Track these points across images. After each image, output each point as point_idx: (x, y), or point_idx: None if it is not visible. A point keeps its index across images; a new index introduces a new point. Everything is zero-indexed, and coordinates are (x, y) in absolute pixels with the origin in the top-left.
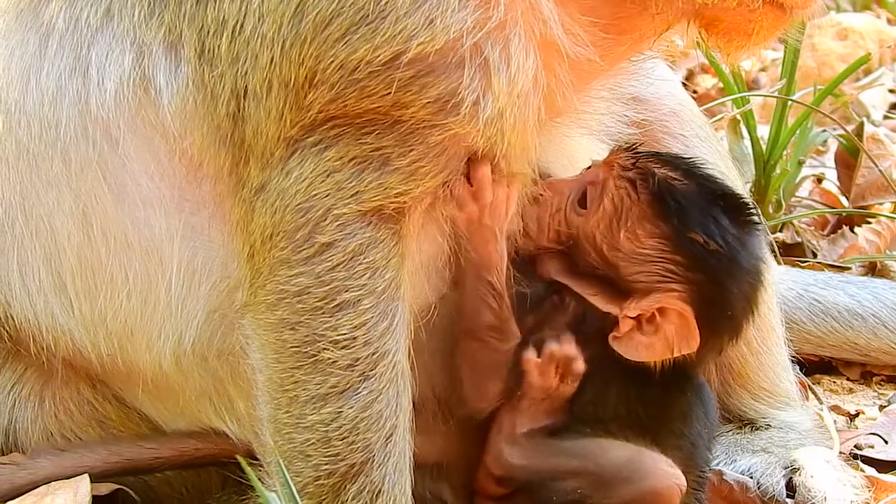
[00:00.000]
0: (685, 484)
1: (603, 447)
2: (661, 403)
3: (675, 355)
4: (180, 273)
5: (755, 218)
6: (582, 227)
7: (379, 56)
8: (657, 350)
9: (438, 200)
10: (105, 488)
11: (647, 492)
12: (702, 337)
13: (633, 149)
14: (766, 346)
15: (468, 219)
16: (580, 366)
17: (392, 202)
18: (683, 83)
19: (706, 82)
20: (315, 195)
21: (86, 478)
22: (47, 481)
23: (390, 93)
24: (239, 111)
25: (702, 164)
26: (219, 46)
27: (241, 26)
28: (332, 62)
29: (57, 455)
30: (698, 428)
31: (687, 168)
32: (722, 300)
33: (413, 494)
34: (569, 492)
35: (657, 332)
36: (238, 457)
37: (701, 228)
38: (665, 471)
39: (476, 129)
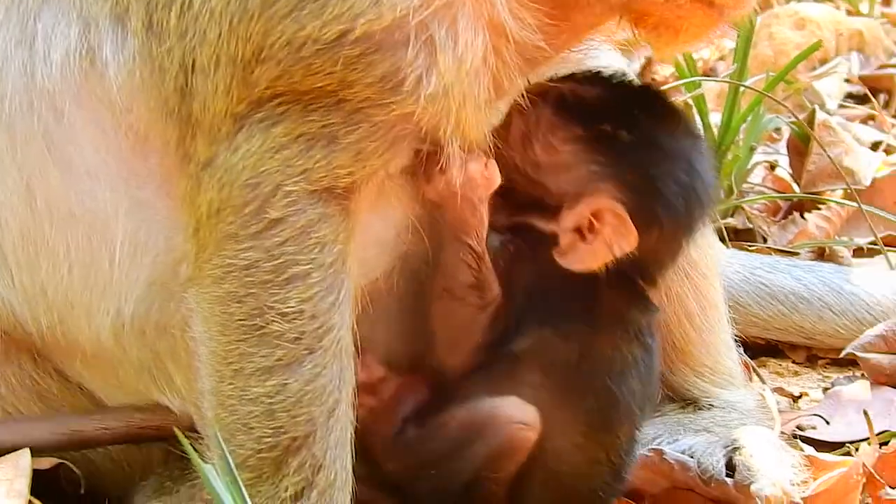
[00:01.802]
0: (535, 424)
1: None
2: (603, 353)
3: (618, 255)
4: (124, 246)
5: (673, 106)
6: (507, 158)
7: (326, 33)
8: (600, 254)
9: (391, 178)
10: (47, 463)
11: (496, 447)
12: (642, 232)
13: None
14: (709, 323)
15: (439, 192)
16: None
17: (341, 181)
18: (641, 71)
19: (665, 70)
20: (264, 171)
21: (26, 452)
22: None
23: (336, 71)
24: (187, 86)
25: (609, 72)
26: (167, 21)
27: (190, 1)
28: (278, 38)
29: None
30: (632, 386)
31: (591, 76)
32: (651, 187)
33: (353, 471)
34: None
35: (597, 237)
36: (175, 429)
37: (609, 121)
38: (508, 416)
39: (421, 108)
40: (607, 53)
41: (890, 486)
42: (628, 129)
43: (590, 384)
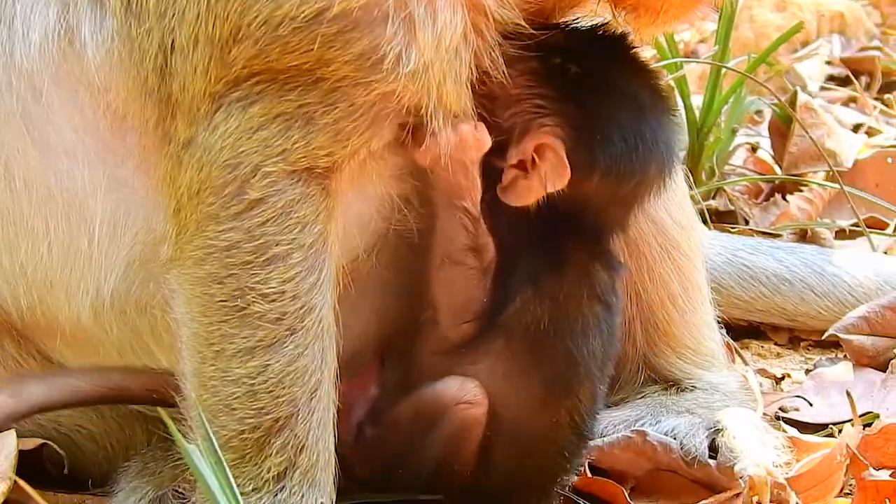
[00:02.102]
0: (480, 399)
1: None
2: (568, 313)
3: (550, 191)
4: (102, 225)
5: (640, 58)
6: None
7: (303, 12)
8: (534, 191)
9: (373, 156)
10: (31, 444)
11: (448, 433)
12: (580, 173)
13: None
14: (692, 304)
15: (432, 156)
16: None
17: (321, 161)
18: None
19: (644, 53)
20: (242, 152)
21: (12, 433)
22: None
23: (313, 49)
24: (166, 66)
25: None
26: (146, 1)
27: None
28: (255, 17)
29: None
30: (593, 347)
31: (570, 24)
32: (591, 126)
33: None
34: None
35: (535, 172)
36: (160, 410)
37: (561, 55)
38: (451, 398)
39: (401, 85)
40: None
41: (874, 468)
42: (579, 66)
43: (551, 347)
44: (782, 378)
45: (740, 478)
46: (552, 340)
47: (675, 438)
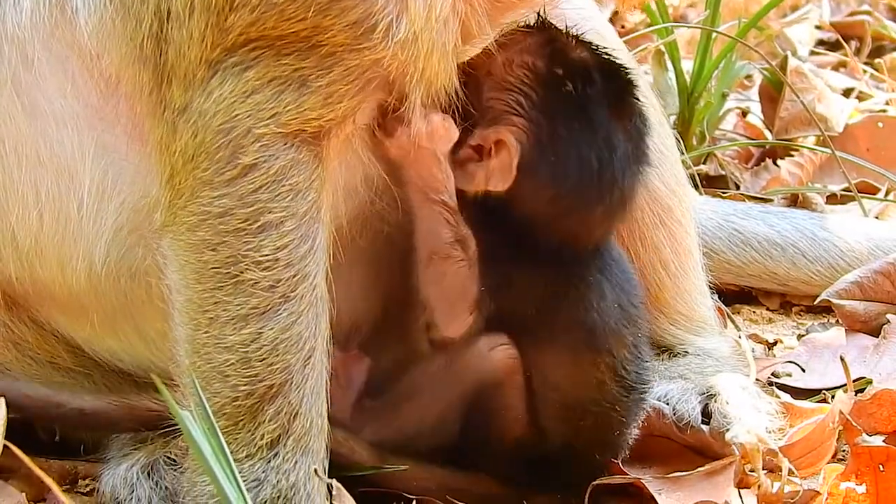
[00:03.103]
0: (510, 353)
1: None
2: (557, 293)
3: (487, 189)
4: (91, 191)
5: (631, 92)
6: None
7: None
8: (477, 179)
9: (357, 130)
10: None
11: (488, 378)
12: (524, 184)
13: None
14: (684, 270)
15: (402, 147)
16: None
17: (310, 125)
18: (610, 19)
19: (634, 18)
20: (236, 116)
21: (1, 401)
22: None
23: (308, 17)
24: (161, 33)
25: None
26: None
27: None
28: None
29: None
30: (603, 307)
31: (585, 41)
32: (554, 149)
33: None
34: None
35: (484, 164)
36: (153, 376)
37: (565, 68)
38: (485, 344)
39: (391, 53)
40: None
41: (867, 433)
42: (576, 87)
43: (558, 320)
44: (774, 343)
45: (732, 444)
46: (556, 315)
47: (667, 404)
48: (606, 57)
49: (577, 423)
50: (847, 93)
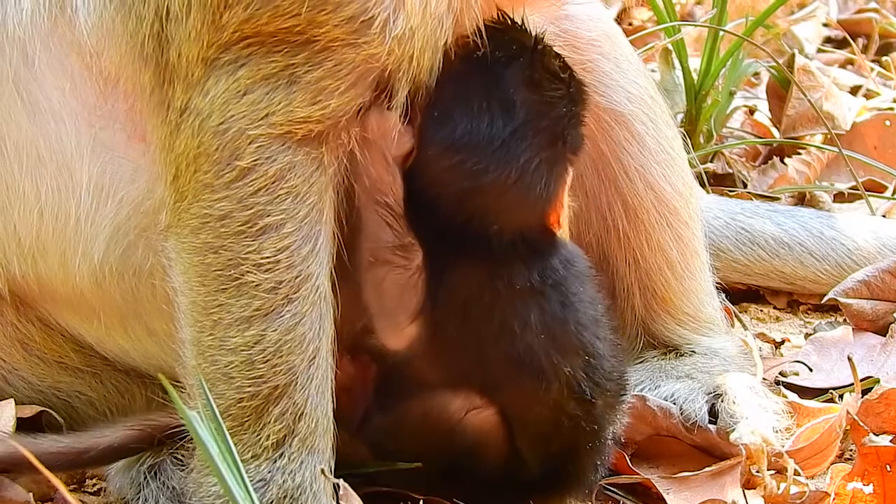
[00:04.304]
0: (485, 415)
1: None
2: (482, 316)
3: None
4: (90, 189)
5: (551, 75)
6: None
7: None
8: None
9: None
10: (29, 411)
11: (471, 441)
12: (425, 148)
13: None
14: (690, 271)
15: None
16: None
17: (301, 126)
18: (617, 18)
19: (641, 15)
20: (231, 116)
21: (10, 402)
22: None
23: (302, 13)
24: (162, 32)
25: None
26: None
27: None
28: None
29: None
30: (529, 339)
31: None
32: (447, 107)
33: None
34: None
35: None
36: (160, 376)
37: (485, 37)
38: (460, 407)
39: (387, 49)
40: None
41: (874, 433)
42: (483, 52)
43: (490, 342)
44: (782, 342)
45: (737, 445)
46: (486, 337)
47: (674, 403)
48: (531, 37)
49: (547, 444)
50: (854, 91)
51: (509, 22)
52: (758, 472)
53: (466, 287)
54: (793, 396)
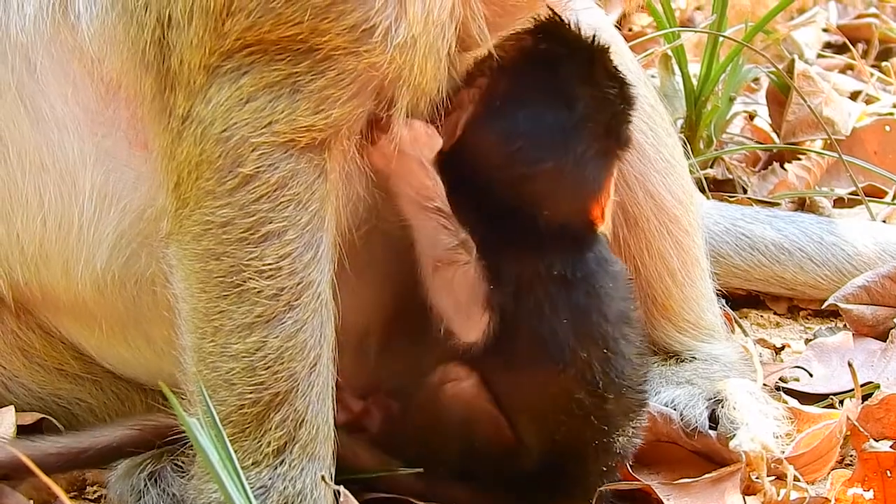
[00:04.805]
0: (464, 374)
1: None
2: (516, 302)
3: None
4: (93, 196)
5: (608, 71)
6: None
7: None
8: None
9: (356, 141)
10: (30, 418)
11: (457, 415)
12: (480, 134)
13: None
14: (691, 278)
15: (383, 154)
16: None
17: (304, 135)
18: (617, 23)
19: (641, 20)
20: (234, 124)
21: (11, 409)
22: None
23: (304, 21)
24: (164, 39)
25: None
26: None
27: None
28: None
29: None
30: (559, 318)
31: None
32: (508, 98)
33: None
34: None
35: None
36: (160, 383)
37: (540, 32)
38: (440, 379)
39: (389, 57)
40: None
41: (874, 438)
42: (544, 46)
43: (519, 329)
44: (782, 348)
45: (737, 451)
46: (516, 324)
47: (675, 409)
48: (587, 37)
49: (551, 437)
50: (854, 96)
51: (562, 21)
52: (758, 478)
53: (520, 275)
54: (793, 402)
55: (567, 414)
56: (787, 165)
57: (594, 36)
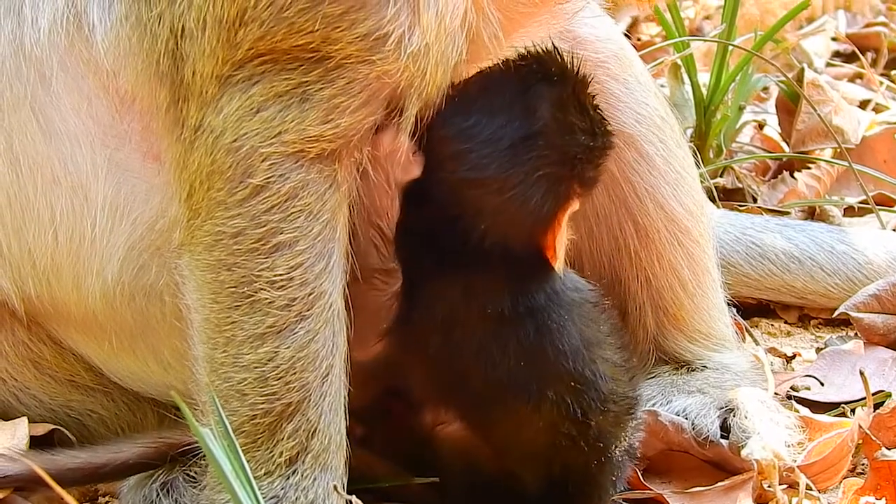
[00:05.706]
0: (452, 429)
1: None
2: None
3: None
4: (105, 209)
5: (575, 93)
6: None
7: None
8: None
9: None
10: (42, 429)
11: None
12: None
13: None
14: (702, 288)
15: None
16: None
17: (313, 145)
18: (627, 32)
19: (650, 30)
20: (245, 134)
21: (24, 420)
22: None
23: (317, 29)
24: (177, 49)
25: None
26: None
27: None
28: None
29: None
30: (511, 360)
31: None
32: (468, 106)
33: (347, 434)
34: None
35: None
36: (173, 393)
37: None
38: (429, 422)
39: (402, 66)
40: (598, 9)
41: (886, 447)
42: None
43: (461, 370)
44: (793, 357)
45: (749, 460)
46: (465, 367)
47: (686, 418)
48: (574, 67)
49: (547, 468)
50: (864, 105)
51: (558, 52)
52: (769, 487)
53: (442, 305)
54: (804, 411)
55: (555, 447)
56: (797, 174)
57: (580, 68)
